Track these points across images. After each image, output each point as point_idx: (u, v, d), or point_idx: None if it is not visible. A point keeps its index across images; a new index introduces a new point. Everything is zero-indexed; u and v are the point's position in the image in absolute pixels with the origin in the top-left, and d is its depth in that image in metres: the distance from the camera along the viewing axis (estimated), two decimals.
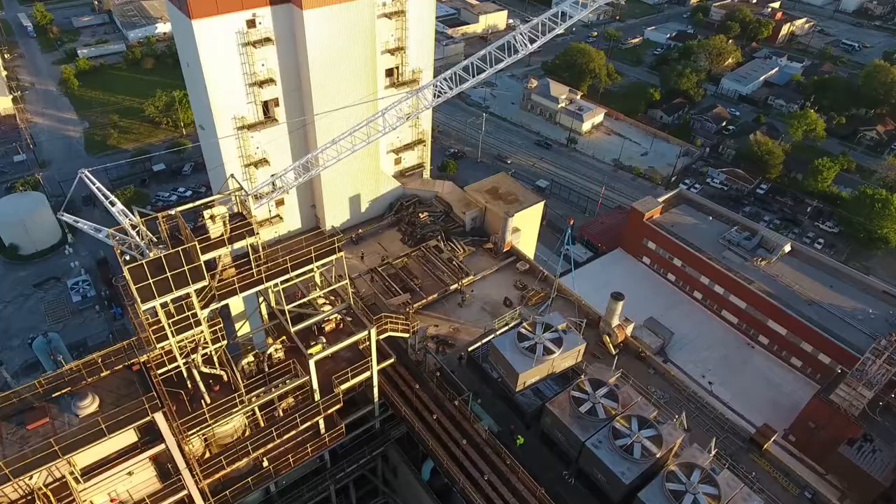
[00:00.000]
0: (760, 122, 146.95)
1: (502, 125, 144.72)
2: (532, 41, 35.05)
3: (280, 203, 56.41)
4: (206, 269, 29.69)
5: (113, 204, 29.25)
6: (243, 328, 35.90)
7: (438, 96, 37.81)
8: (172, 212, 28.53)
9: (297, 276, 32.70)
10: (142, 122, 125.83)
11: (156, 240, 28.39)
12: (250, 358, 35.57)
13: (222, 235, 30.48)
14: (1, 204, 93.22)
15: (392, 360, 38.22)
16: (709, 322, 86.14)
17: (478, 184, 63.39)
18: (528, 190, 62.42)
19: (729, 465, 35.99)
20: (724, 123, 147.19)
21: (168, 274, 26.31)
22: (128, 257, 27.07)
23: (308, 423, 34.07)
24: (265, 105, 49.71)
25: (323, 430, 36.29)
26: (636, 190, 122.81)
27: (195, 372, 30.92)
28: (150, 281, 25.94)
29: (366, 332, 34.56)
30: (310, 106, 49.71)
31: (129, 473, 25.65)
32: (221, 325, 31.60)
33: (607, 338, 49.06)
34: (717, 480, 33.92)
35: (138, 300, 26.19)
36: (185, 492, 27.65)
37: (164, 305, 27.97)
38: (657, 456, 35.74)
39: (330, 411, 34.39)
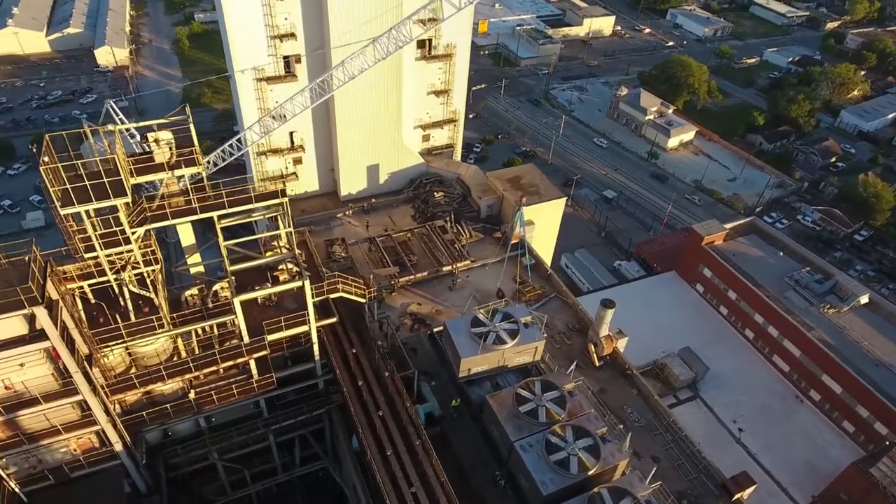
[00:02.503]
0: (877, 163, 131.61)
1: (581, 130, 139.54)
2: None
3: (297, 162, 57.17)
4: (145, 191, 30.34)
5: (133, 136, 31.08)
6: (193, 259, 36.41)
7: None
8: (111, 127, 29.24)
9: (237, 213, 32.68)
10: None
11: None
12: (195, 291, 36.06)
13: (167, 160, 30.97)
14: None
15: (333, 320, 37.36)
16: (755, 365, 77.94)
17: (502, 171, 60.95)
18: (554, 185, 59.14)
19: None
20: (832, 159, 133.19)
21: (87, 183, 27.01)
22: None
23: (230, 364, 34.02)
24: (286, 60, 50.44)
25: (255, 377, 36.07)
26: (712, 215, 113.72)
27: (125, 290, 31.69)
28: (68, 186, 26.77)
29: (299, 284, 33.90)
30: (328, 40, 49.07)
31: (21, 365, 26.63)
32: (154, 248, 32.20)
33: (593, 347, 45.30)
34: None
35: (57, 203, 27.12)
36: (78, 396, 28.30)
37: (88, 215, 28.79)
38: (588, 474, 32.25)
39: (254, 356, 34.06)
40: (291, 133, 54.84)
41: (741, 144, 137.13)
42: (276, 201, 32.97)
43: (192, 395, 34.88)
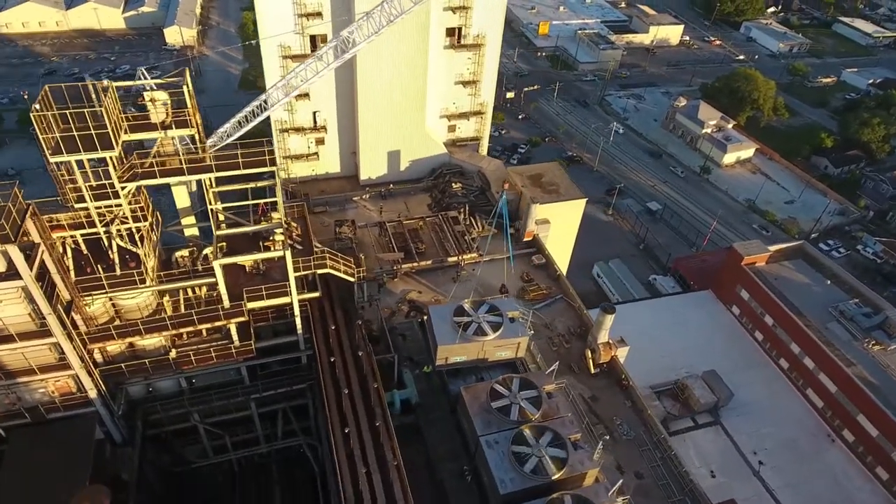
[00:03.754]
0: None
1: (633, 139, 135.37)
2: None
3: (320, 142, 57.69)
4: (136, 148, 31.22)
5: (153, 101, 32.31)
6: (188, 221, 37.17)
7: None
8: (105, 82, 30.10)
9: (225, 178, 33.08)
10: None
11: None
12: (185, 253, 36.81)
13: (162, 121, 31.69)
14: None
15: (316, 294, 37.28)
16: (786, 396, 73.25)
17: (524, 167, 59.66)
18: (576, 186, 57.28)
19: None
20: None
21: (75, 133, 27.91)
22: None
23: (208, 326, 34.52)
24: (312, 39, 50.95)
25: (236, 343, 36.47)
26: (763, 238, 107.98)
27: (114, 243, 32.65)
28: (57, 135, 27.76)
29: (280, 253, 33.97)
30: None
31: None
32: (144, 206, 32.99)
33: (589, 353, 43.52)
34: None
35: (47, 151, 28.17)
36: (52, 339, 29.28)
37: (81, 166, 29.77)
38: (552, 478, 30.88)
39: (233, 321, 34.41)
40: (315, 112, 55.41)
41: (804, 166, 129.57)
42: (265, 169, 33.09)
43: (172, 354, 35.56)
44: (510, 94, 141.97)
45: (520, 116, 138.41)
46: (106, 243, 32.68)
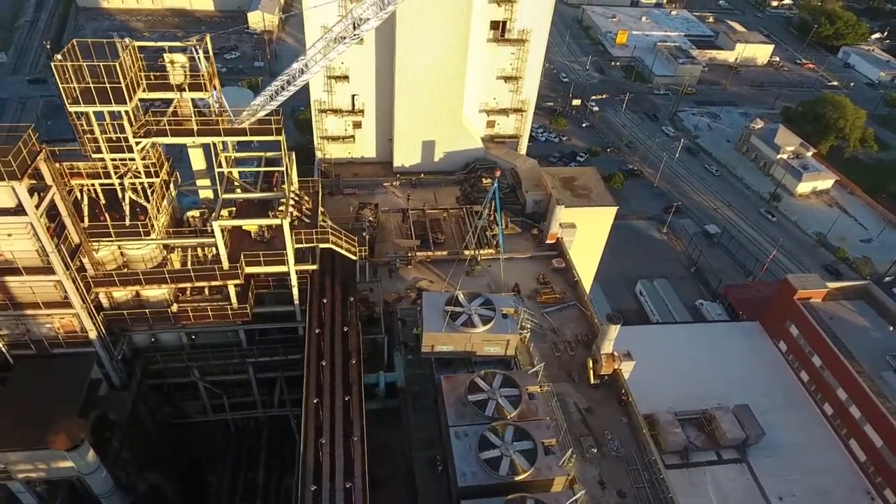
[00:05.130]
0: None
1: (701, 157, 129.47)
2: None
3: (357, 125, 58.53)
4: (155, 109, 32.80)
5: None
6: (202, 183, 38.62)
7: None
8: (127, 41, 31.67)
9: (231, 142, 34.12)
10: None
11: None
12: (196, 213, 38.26)
13: (179, 83, 33.10)
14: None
15: (312, 267, 37.75)
16: (825, 444, 67.79)
17: (559, 169, 58.38)
18: (608, 193, 55.36)
19: None
20: None
21: (91, 85, 29.60)
22: None
23: (205, 284, 35.75)
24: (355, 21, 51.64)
25: (234, 306, 37.58)
26: (829, 275, 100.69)
27: (126, 195, 34.40)
28: (75, 86, 29.54)
29: (277, 221, 34.66)
30: None
31: (9, 235, 29.82)
32: (157, 163, 34.52)
33: (591, 363, 41.89)
34: None
35: (67, 101, 30.03)
36: (55, 276, 31.18)
37: (100, 118, 31.55)
38: (515, 479, 29.92)
39: (228, 282, 35.45)
40: (353, 96, 56.30)
41: (889, 204, 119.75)
42: (271, 138, 33.88)
43: (173, 308, 37.06)
44: (576, 101, 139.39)
45: (583, 124, 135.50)
46: (120, 195, 34.41)
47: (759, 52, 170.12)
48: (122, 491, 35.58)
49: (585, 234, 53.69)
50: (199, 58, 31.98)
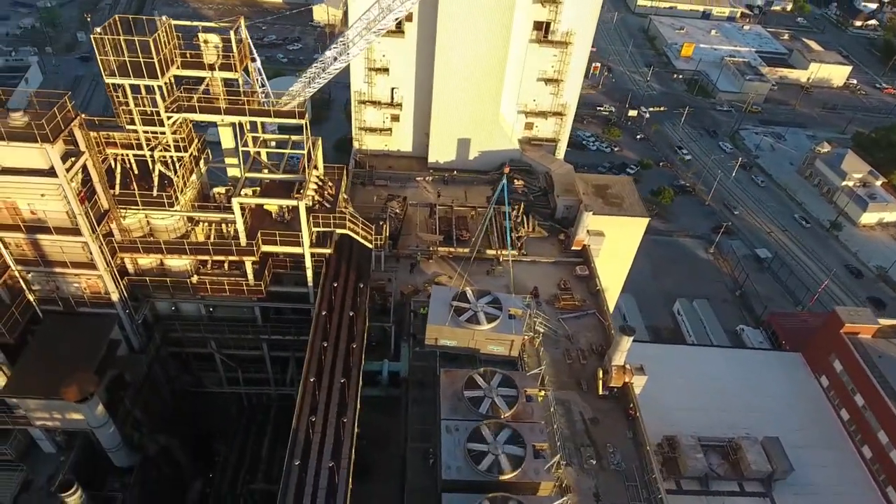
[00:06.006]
0: None
1: (758, 178, 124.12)
2: None
3: (395, 119, 59.18)
4: (188, 86, 34.30)
5: (254, 60, 35.98)
6: (230, 161, 39.95)
7: None
8: (164, 18, 33.11)
9: (252, 122, 35.20)
10: None
11: None
12: (222, 190, 39.60)
13: (211, 62, 34.43)
14: (273, 82, 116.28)
15: (327, 251, 38.40)
16: (859, 488, 63.70)
17: (594, 175, 57.28)
18: (643, 205, 53.87)
19: None
20: None
21: (126, 59, 31.19)
22: None
23: (221, 258, 37.02)
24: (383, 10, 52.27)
25: (250, 282, 38.73)
26: (886, 313, 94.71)
27: (156, 168, 36.04)
28: (111, 57, 31.21)
29: (294, 202, 35.51)
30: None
31: (42, 195, 31.75)
32: (187, 138, 35.98)
33: (601, 373, 40.89)
34: None
35: (104, 72, 31.74)
36: (81, 238, 32.97)
37: (136, 91, 33.18)
38: (499, 478, 29.59)
39: (244, 258, 36.57)
40: (392, 89, 56.98)
41: None
42: (294, 121, 34.75)
43: (193, 279, 38.53)
44: (632, 112, 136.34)
45: (638, 136, 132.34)
46: (151, 167, 36.06)
47: (835, 73, 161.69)
48: (130, 448, 37.25)
49: (614, 243, 52.45)
50: (234, 39, 33.04)
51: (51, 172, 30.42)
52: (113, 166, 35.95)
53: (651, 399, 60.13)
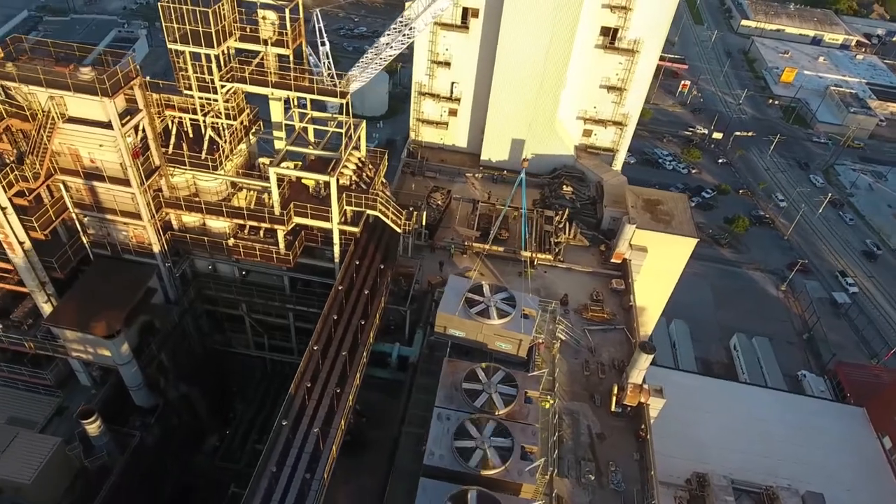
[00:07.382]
0: None
1: (847, 216, 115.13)
2: None
3: (452, 113, 59.60)
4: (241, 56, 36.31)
5: (323, 44, 37.80)
6: (278, 135, 41.78)
7: None
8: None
9: (296, 98, 36.65)
10: None
11: None
12: (266, 160, 41.49)
13: (266, 38, 36.23)
14: None
15: (355, 229, 39.30)
16: None
17: (648, 189, 55.20)
18: (693, 223, 51.28)
19: None
20: None
21: (187, 27, 33.38)
22: None
23: (254, 224, 38.83)
24: (465, 11, 52.74)
25: (281, 251, 40.39)
26: None
27: (207, 132, 38.33)
28: (174, 25, 33.48)
29: (326, 178, 36.64)
30: None
31: (101, 145, 34.52)
32: (237, 108, 37.98)
33: (616, 389, 39.53)
34: None
35: (167, 38, 34.14)
36: (131, 189, 35.58)
37: (195, 59, 35.47)
38: (481, 472, 29.34)
39: (276, 226, 38.18)
40: (452, 83, 57.46)
41: None
42: (336, 100, 35.91)
43: (230, 242, 40.64)
44: (717, 135, 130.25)
45: (720, 160, 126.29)
46: (203, 131, 38.39)
47: None
48: (151, 390, 39.80)
49: (657, 261, 50.43)
50: (289, 17, 34.64)
51: (108, 125, 33.01)
52: (170, 127, 38.54)
53: (685, 431, 57.52)
